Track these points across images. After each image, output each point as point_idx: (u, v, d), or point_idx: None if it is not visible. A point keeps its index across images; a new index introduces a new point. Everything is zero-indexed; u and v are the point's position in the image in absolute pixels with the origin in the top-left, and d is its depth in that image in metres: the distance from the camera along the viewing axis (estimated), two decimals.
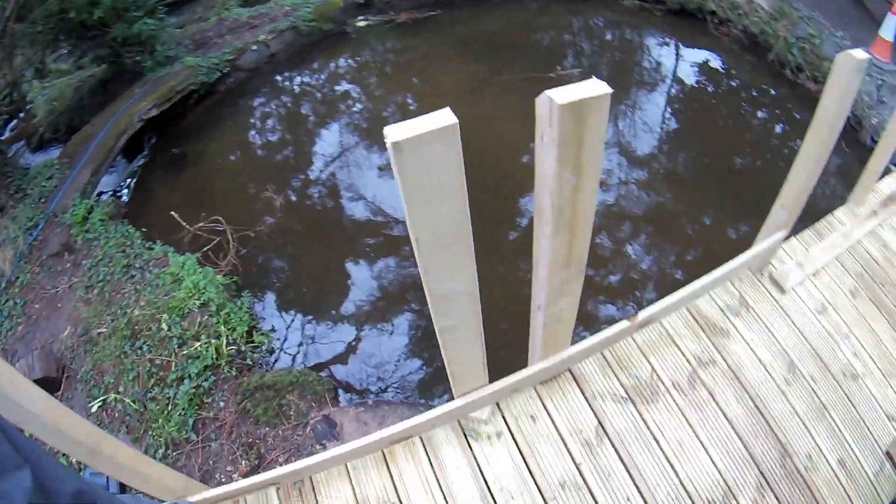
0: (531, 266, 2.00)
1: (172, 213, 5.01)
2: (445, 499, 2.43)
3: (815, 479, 2.60)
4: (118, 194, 6.16)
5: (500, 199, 5.31)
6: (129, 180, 6.41)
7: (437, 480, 2.47)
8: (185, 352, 3.88)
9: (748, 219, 5.01)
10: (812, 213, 3.91)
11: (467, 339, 1.97)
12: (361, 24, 8.94)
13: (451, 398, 2.47)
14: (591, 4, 9.17)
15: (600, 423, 2.61)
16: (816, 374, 2.97)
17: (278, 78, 8.07)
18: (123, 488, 3.45)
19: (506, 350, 2.73)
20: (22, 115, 7.53)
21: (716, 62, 7.91)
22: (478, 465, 2.49)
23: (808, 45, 6.88)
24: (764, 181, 4.43)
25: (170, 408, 3.74)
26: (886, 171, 4.73)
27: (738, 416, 2.72)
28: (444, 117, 1.21)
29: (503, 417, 2.61)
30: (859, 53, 2.20)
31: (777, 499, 2.52)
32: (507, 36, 8.48)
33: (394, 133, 1.19)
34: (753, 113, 7.14)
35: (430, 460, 2.52)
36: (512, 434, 2.56)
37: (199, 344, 3.88)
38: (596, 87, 1.33)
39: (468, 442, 2.54)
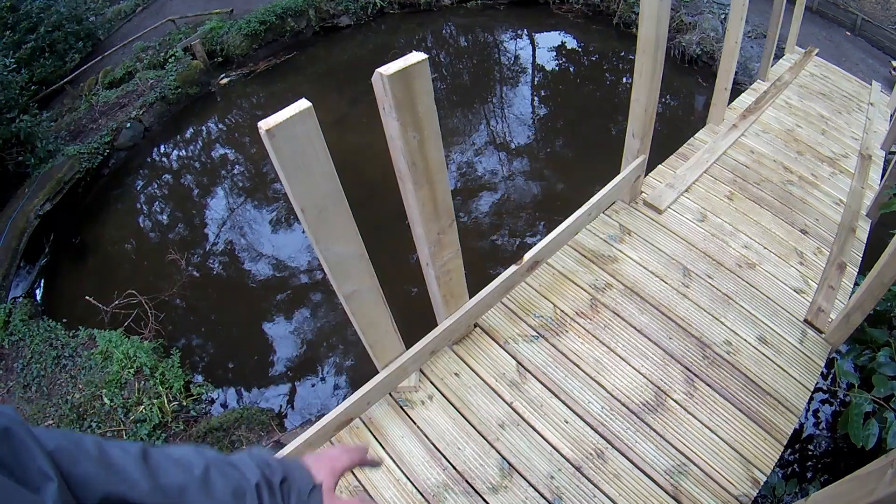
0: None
1: (88, 297, 5.00)
2: (401, 469, 2.55)
3: (741, 360, 2.86)
4: (32, 294, 6.06)
5: (387, 207, 5.47)
6: (38, 279, 6.32)
7: (389, 455, 2.60)
8: (131, 418, 3.89)
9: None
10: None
11: (371, 300, 2.13)
12: (224, 81, 9.16)
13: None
14: (438, 14, 9.52)
15: (519, 363, 2.80)
16: (711, 271, 3.26)
17: (159, 150, 8.15)
18: None
19: (419, 325, 2.88)
20: None
21: (568, 40, 8.33)
22: (420, 430, 2.63)
23: None
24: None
25: None
26: (740, 91, 5.17)
27: (647, 325, 2.96)
28: (301, 104, 1.50)
29: (430, 381, 2.77)
30: None
31: (710, 385, 2.76)
32: (362, 62, 8.78)
33: (266, 123, 1.46)
34: (614, 77, 7.55)
35: (376, 439, 2.64)
36: (442, 393, 2.72)
37: (142, 407, 3.90)
38: (414, 56, 1.67)
39: (405, 411, 2.69)
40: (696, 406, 2.69)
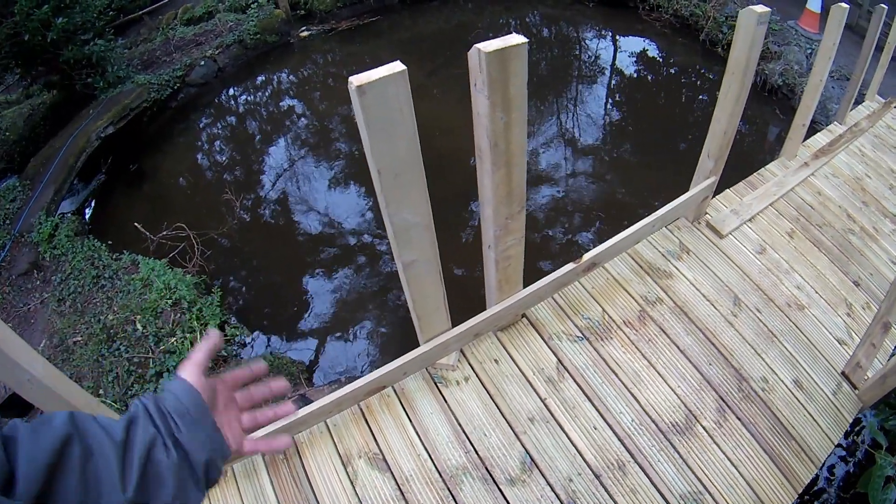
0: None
1: (136, 224, 5.07)
2: (424, 445, 2.56)
3: (774, 400, 2.81)
4: (81, 212, 6.18)
5: (450, 184, 5.49)
6: (90, 199, 6.44)
7: (415, 428, 2.61)
8: (161, 347, 3.96)
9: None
10: (749, 174, 4.18)
11: (428, 273, 2.14)
12: (304, 34, 9.14)
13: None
14: (525, 1, 9.43)
15: (560, 360, 2.79)
16: (761, 305, 3.19)
17: (228, 91, 8.19)
18: None
19: (465, 307, 2.89)
20: None
21: (651, 48, 8.20)
22: (450, 410, 2.64)
23: (736, 23, 7.19)
24: None
25: None
26: (815, 129, 5.05)
27: (690, 347, 2.92)
28: (396, 66, 1.52)
29: (469, 363, 2.77)
30: (759, 8, 2.58)
31: (739, 419, 2.72)
32: (446, 36, 8.72)
33: (358, 79, 1.48)
34: (691, 93, 7.43)
35: (405, 411, 2.66)
36: (479, 377, 2.72)
37: (174, 339, 3.97)
38: (515, 38, 1.66)
39: (438, 389, 2.70)
40: (723, 437, 2.66)
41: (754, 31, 2.61)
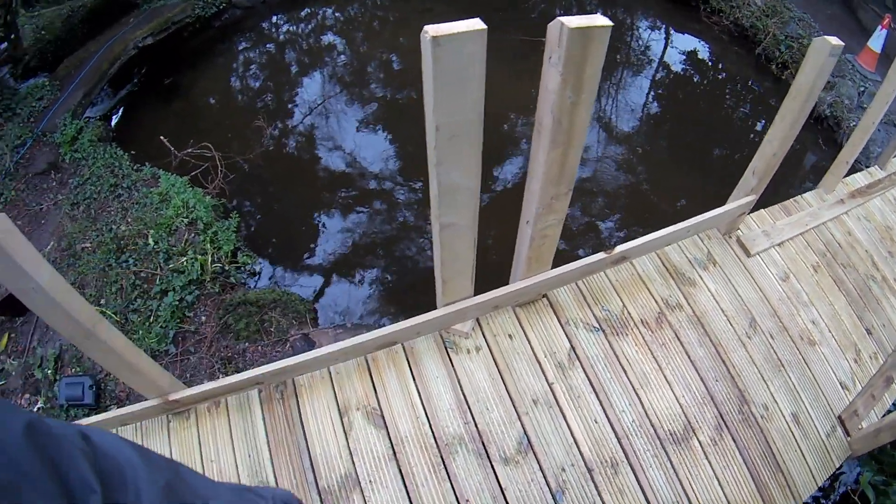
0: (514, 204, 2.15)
1: (161, 137, 4.99)
2: (424, 408, 2.56)
3: (770, 429, 2.82)
4: (107, 119, 6.10)
5: (490, 150, 5.42)
6: (118, 106, 6.36)
7: (418, 389, 2.60)
8: (170, 266, 3.92)
9: (714, 201, 5.18)
10: (782, 200, 4.13)
11: (465, 237, 2.10)
12: None
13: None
14: None
15: (573, 347, 2.77)
16: (775, 332, 3.18)
17: (272, 19, 8.02)
18: (98, 399, 3.51)
19: (488, 275, 2.86)
20: (5, 45, 7.36)
21: (704, 51, 8.07)
22: (457, 377, 2.63)
23: (796, 45, 7.10)
24: (740, 172, 4.62)
25: (151, 320, 3.78)
26: (857, 168, 4.99)
27: (701, 359, 2.91)
28: (476, 24, 1.47)
29: (483, 333, 2.75)
30: (833, 40, 2.52)
31: (734, 440, 2.73)
32: (503, 3, 8.51)
33: (434, 29, 1.42)
34: (735, 104, 7.32)
35: (410, 370, 2.64)
36: (490, 350, 2.71)
37: (185, 259, 3.93)
38: (600, 19, 1.60)
39: (448, 354, 2.68)
40: (716, 455, 2.67)
41: (824, 62, 2.57)
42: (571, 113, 1.82)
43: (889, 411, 3.18)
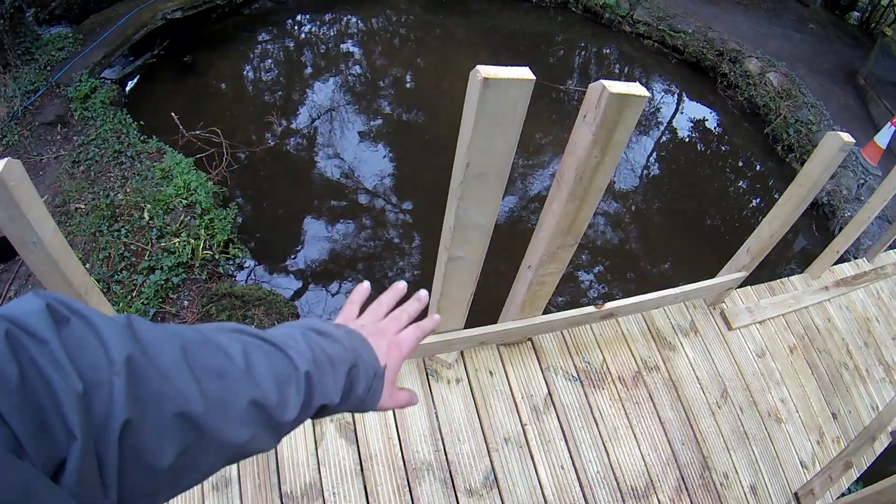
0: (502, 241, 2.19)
1: (172, 113, 4.99)
2: (398, 429, 2.57)
3: (728, 497, 2.87)
4: (122, 83, 6.09)
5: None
6: (135, 73, 6.35)
7: (394, 411, 2.61)
8: (162, 244, 3.92)
9: (697, 268, 5.28)
10: (767, 278, 4.23)
11: (469, 273, 2.14)
12: None
13: None
14: (613, 35, 9.39)
15: (550, 393, 2.81)
16: (745, 406, 3.25)
17: (299, 17, 8.11)
18: None
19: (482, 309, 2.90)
20: None
21: (712, 121, 8.24)
22: (434, 405, 2.65)
23: (804, 130, 7.25)
24: (728, 245, 4.67)
25: (134, 294, 3.77)
26: (845, 258, 5.12)
27: (671, 421, 2.96)
28: (525, 73, 1.51)
29: (465, 366, 2.78)
30: (846, 136, 2.66)
31: (692, 503, 2.77)
32: (526, 39, 8.66)
33: (486, 70, 1.46)
34: (735, 179, 7.46)
35: None
36: (470, 383, 2.74)
37: (177, 240, 3.93)
38: (638, 89, 1.67)
39: (429, 381, 2.70)
40: None
41: (834, 156, 2.70)
42: (594, 171, 1.88)
43: (843, 494, 3.25)
